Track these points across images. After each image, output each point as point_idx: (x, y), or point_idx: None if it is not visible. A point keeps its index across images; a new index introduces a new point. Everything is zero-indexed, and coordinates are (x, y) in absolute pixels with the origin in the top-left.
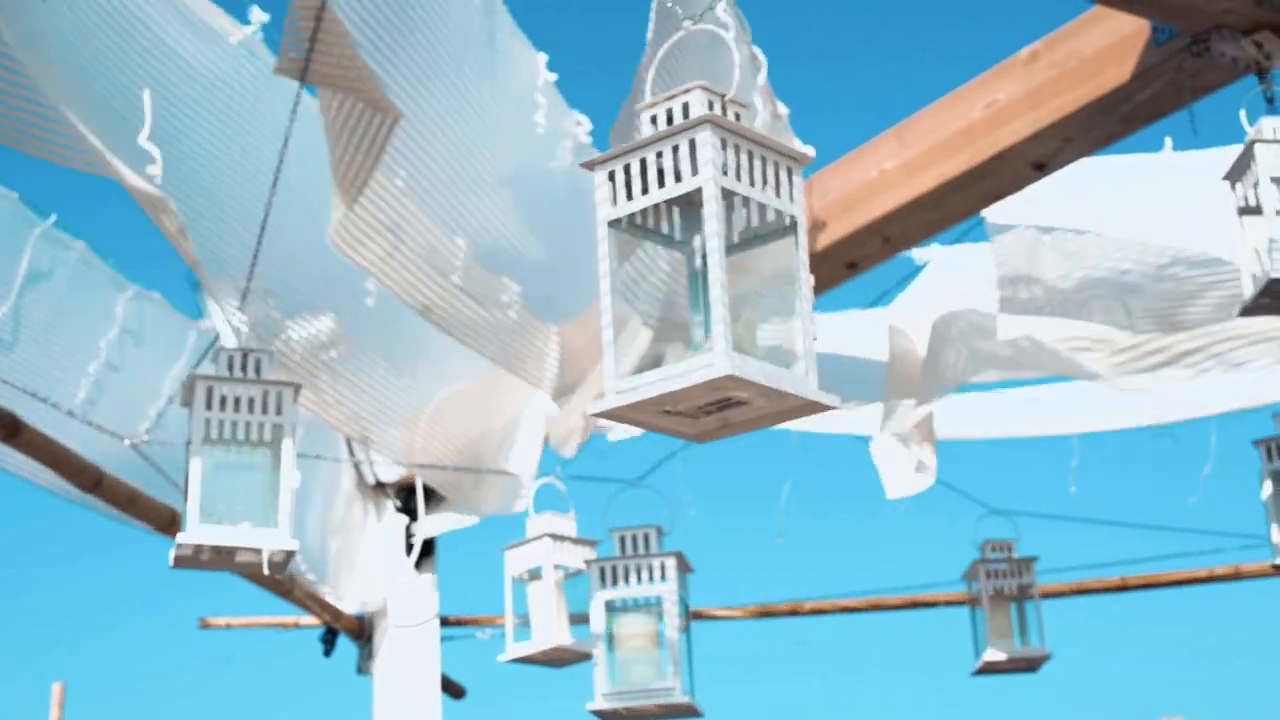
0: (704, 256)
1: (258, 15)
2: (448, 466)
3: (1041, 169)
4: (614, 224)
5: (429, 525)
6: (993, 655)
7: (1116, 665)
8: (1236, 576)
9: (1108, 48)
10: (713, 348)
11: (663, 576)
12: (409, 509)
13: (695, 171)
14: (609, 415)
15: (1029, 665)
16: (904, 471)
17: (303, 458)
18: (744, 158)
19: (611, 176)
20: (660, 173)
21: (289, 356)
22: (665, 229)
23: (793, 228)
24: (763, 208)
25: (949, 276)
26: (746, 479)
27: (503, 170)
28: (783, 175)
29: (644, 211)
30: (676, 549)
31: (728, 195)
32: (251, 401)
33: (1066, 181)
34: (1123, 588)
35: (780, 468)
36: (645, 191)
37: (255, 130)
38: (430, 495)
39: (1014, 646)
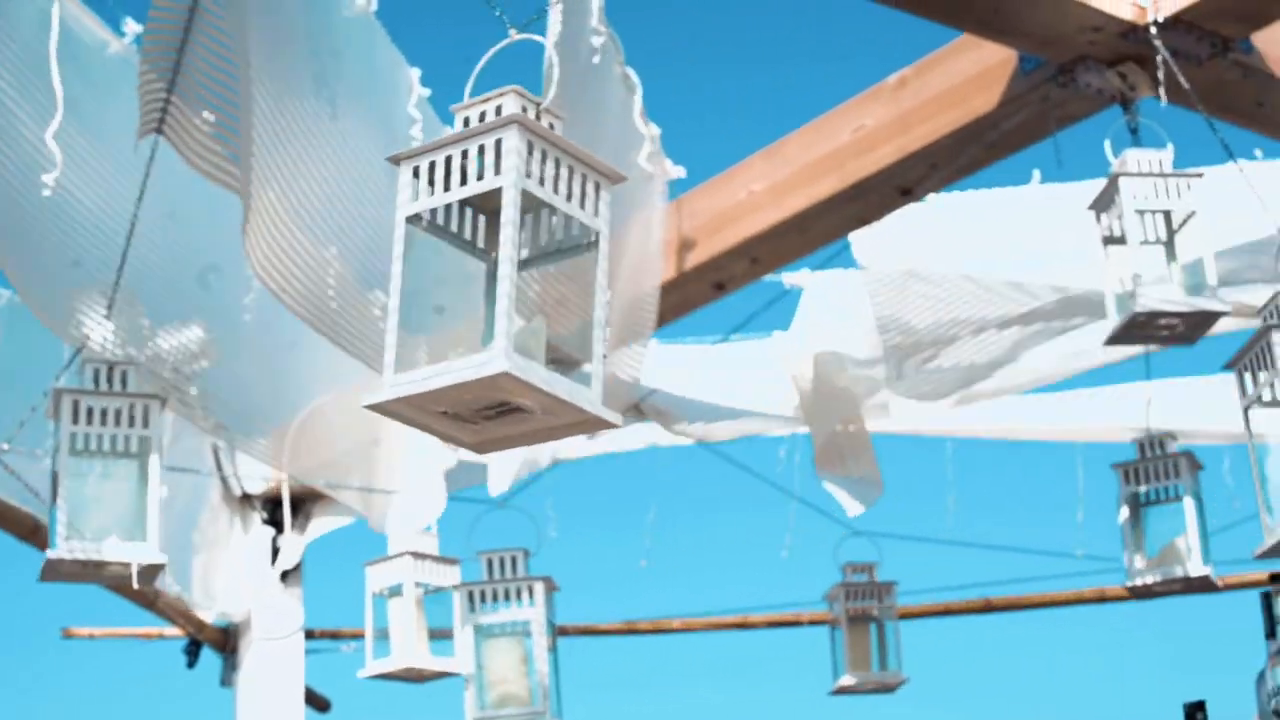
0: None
1: (132, 26)
2: (321, 482)
3: (908, 194)
4: (413, 220)
5: (295, 544)
6: (848, 679)
7: (980, 685)
8: (1101, 599)
9: (975, 76)
10: (493, 345)
11: (530, 599)
12: (275, 521)
13: (499, 171)
14: (382, 410)
15: (885, 688)
16: (853, 488)
17: (170, 470)
18: (550, 165)
19: (416, 173)
20: (464, 172)
21: (158, 365)
22: (468, 235)
23: (595, 244)
24: (567, 220)
25: (826, 313)
26: (614, 494)
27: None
28: (589, 189)
29: (449, 215)
30: (543, 569)
31: (531, 202)
32: (118, 414)
33: (935, 209)
34: (986, 609)
35: (647, 484)
36: (448, 189)
37: (126, 137)
38: (297, 508)
39: (871, 670)
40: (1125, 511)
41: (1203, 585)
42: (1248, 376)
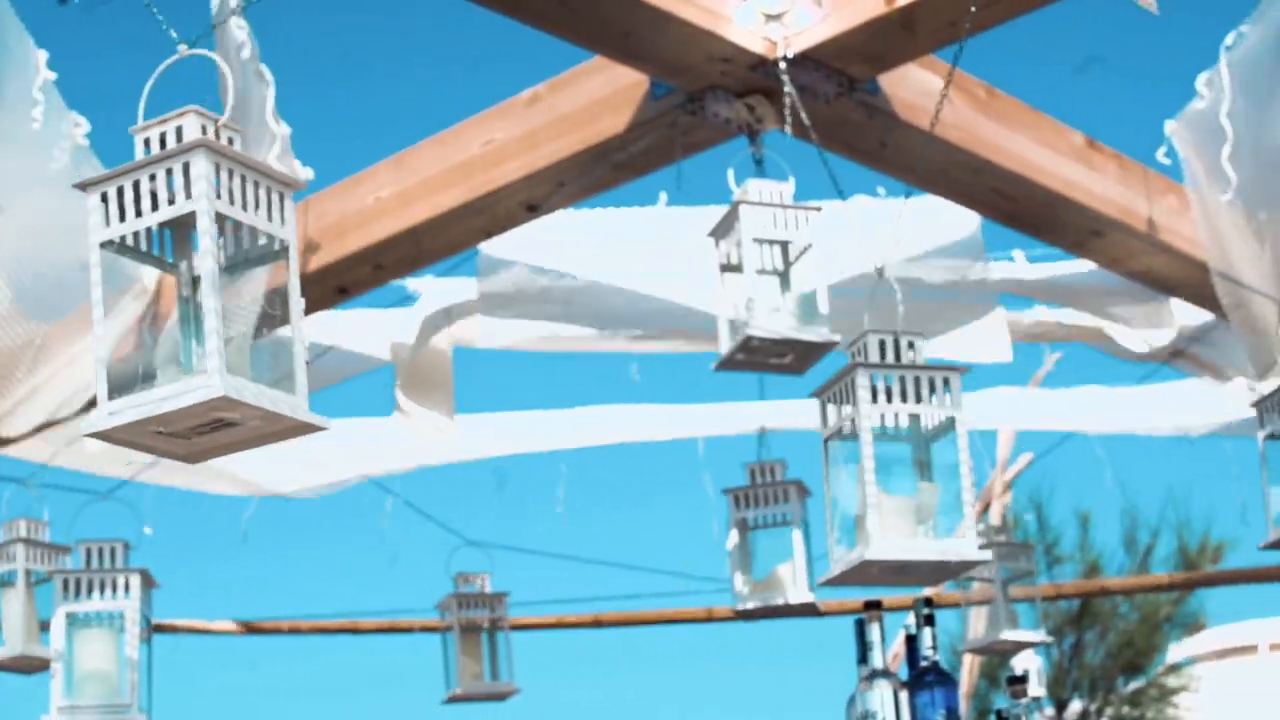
0: (196, 279)
1: None
2: None
3: (534, 210)
4: (106, 245)
5: None
6: (460, 689)
7: (587, 697)
8: (709, 619)
9: (606, 97)
10: (206, 369)
11: (126, 591)
12: None
13: (189, 195)
14: (101, 436)
15: (496, 697)
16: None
17: None
18: (237, 181)
19: (105, 199)
20: (154, 196)
21: None
22: (157, 251)
23: (284, 251)
24: (254, 231)
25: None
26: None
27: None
28: (274, 199)
29: (136, 234)
30: (150, 564)
31: (221, 219)
32: None
33: (561, 226)
34: (596, 624)
35: None
36: (139, 214)
37: None
38: None
39: (483, 680)
40: (734, 536)
41: (805, 610)
42: (830, 409)
